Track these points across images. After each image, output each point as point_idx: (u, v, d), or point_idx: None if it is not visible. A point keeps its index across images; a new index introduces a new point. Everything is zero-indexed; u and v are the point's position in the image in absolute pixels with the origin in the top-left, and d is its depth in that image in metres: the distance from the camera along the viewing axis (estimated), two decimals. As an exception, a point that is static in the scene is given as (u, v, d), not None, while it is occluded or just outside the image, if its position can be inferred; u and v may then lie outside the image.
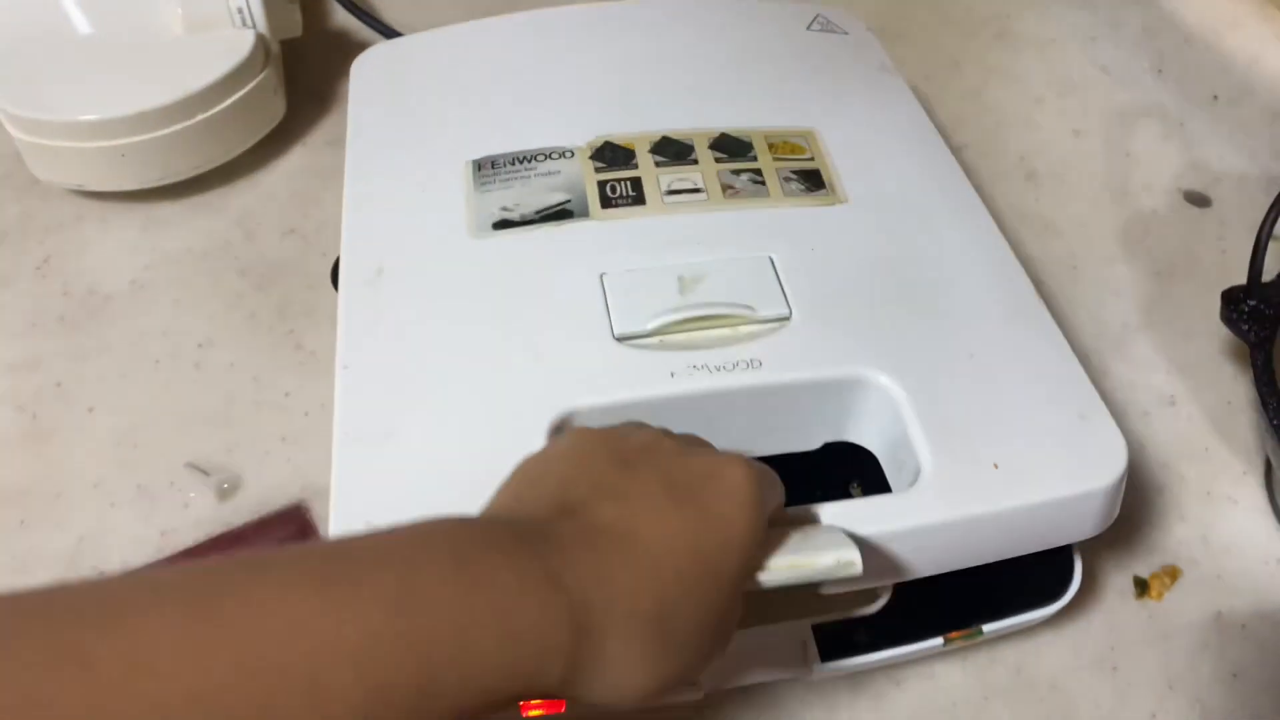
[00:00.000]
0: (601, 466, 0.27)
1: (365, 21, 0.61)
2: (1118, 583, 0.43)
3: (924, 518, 0.32)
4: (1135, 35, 0.63)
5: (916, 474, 0.34)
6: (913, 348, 0.36)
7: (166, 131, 0.51)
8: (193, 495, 0.45)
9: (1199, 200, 0.56)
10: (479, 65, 0.47)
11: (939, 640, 0.36)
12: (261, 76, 0.53)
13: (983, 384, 0.36)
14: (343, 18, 0.63)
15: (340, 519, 0.33)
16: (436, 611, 0.20)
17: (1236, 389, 0.49)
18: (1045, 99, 0.61)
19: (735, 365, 0.35)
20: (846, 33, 0.49)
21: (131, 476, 0.46)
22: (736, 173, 0.41)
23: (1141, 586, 0.43)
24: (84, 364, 0.49)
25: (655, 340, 0.36)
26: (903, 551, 0.33)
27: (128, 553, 0.44)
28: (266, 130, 0.55)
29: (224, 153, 0.54)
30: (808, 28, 0.48)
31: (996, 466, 0.34)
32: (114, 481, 0.45)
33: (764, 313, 0.37)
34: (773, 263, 0.38)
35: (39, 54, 0.52)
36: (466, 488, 0.28)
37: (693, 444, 0.30)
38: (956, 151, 0.58)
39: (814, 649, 0.36)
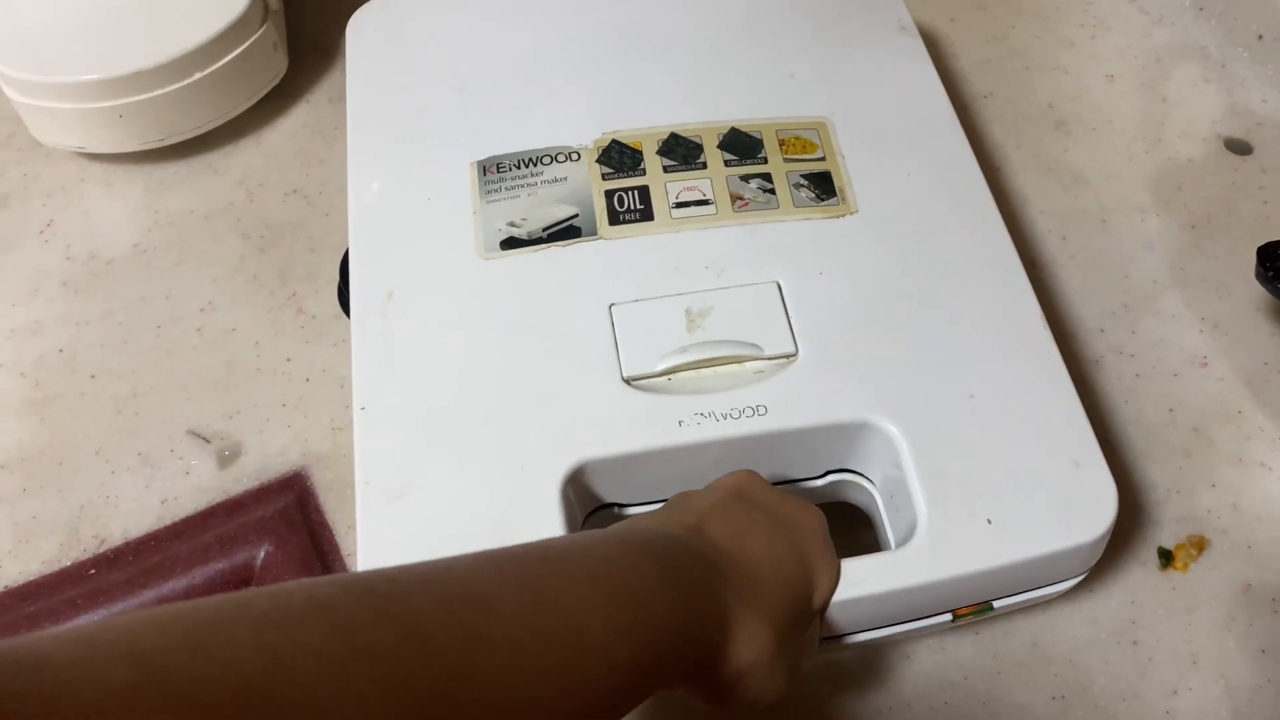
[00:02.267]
0: (717, 499, 0.31)
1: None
2: (1141, 553, 0.41)
3: (918, 577, 0.33)
4: (1176, -28, 0.59)
5: (912, 527, 0.34)
6: (915, 390, 0.36)
7: (165, 90, 0.50)
8: (194, 462, 0.45)
9: (1240, 148, 0.53)
10: (479, 32, 0.45)
11: (947, 616, 0.35)
12: (260, 32, 0.52)
13: (982, 428, 0.36)
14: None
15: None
16: (658, 601, 0.26)
17: (1274, 349, 0.46)
18: (1077, 41, 0.58)
19: (741, 413, 0.35)
20: (863, -19, 0.47)
21: (133, 444, 0.45)
22: (746, 179, 0.40)
23: (1166, 558, 0.41)
24: (86, 330, 0.49)
25: (663, 380, 0.36)
26: (896, 602, 0.34)
27: (129, 522, 0.43)
28: (268, 87, 0.54)
29: (225, 111, 0.53)
30: (824, -25, 0.46)
31: (990, 522, 0.34)
32: (115, 449, 0.45)
33: (770, 351, 0.36)
34: (780, 290, 0.38)
35: (35, 14, 0.51)
36: (486, 543, 0.30)
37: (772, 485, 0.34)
38: (981, 100, 0.55)
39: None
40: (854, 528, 0.41)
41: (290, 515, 0.43)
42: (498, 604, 0.23)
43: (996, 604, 0.35)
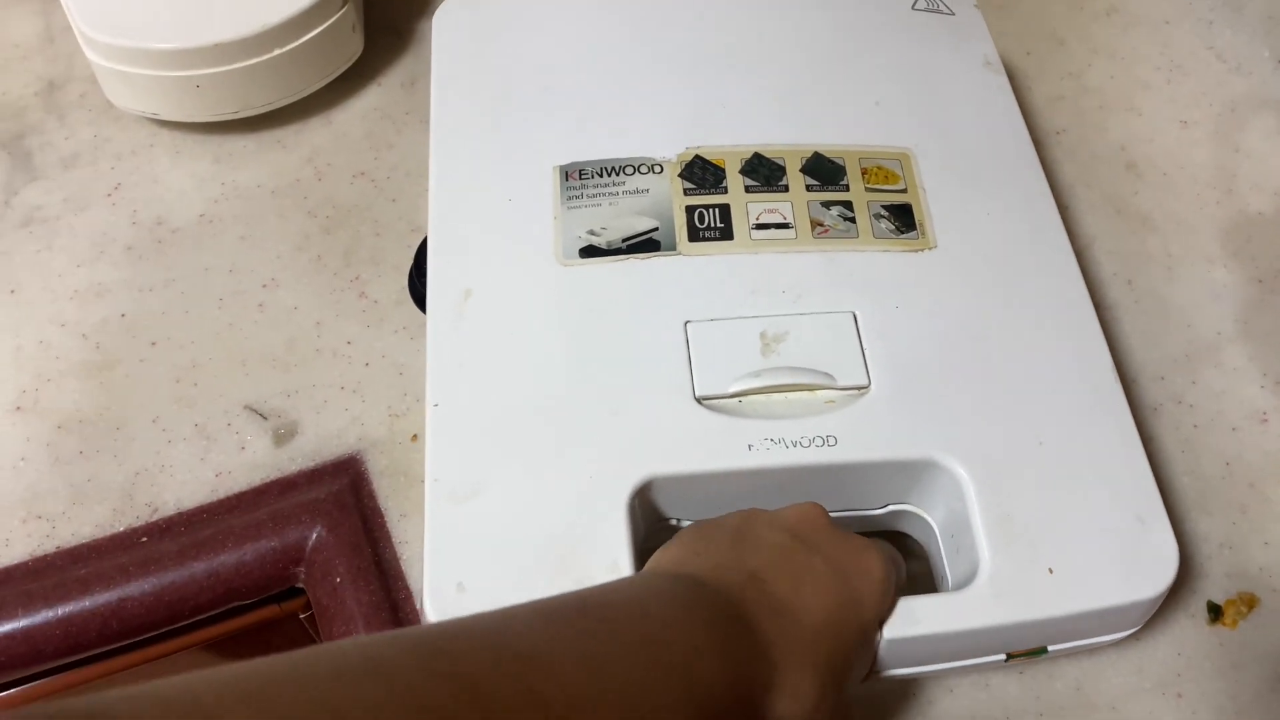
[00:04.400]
0: (779, 541, 0.31)
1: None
2: (1190, 606, 0.41)
3: (978, 620, 0.33)
4: (1256, 21, 0.59)
5: (974, 569, 0.34)
6: (985, 432, 0.36)
7: (243, 64, 0.50)
8: (249, 438, 0.45)
9: (1311, 204, 0.52)
10: (565, 34, 0.45)
11: (1001, 656, 0.35)
12: (341, 12, 0.52)
13: (1049, 477, 0.36)
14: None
15: (432, 576, 0.34)
16: (710, 666, 0.27)
17: (1334, 410, 0.46)
18: (1153, 84, 0.57)
19: (811, 441, 0.35)
20: (953, 13, 0.47)
21: (190, 415, 0.46)
22: (827, 205, 0.40)
23: (1215, 612, 0.41)
24: (149, 296, 0.49)
25: (735, 402, 0.36)
26: (954, 642, 0.34)
27: (182, 492, 0.44)
28: (343, 68, 0.54)
29: (299, 89, 0.53)
30: (913, 5, 0.46)
31: (1051, 571, 0.34)
32: (172, 418, 0.45)
33: (843, 381, 0.36)
34: (855, 320, 0.38)
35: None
36: (550, 556, 0.32)
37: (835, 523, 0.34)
38: (1054, 136, 0.55)
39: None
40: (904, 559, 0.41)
41: (343, 499, 0.43)
42: (555, 665, 0.23)
43: (1051, 647, 0.35)
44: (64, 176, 0.52)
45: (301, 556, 0.42)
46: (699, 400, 0.36)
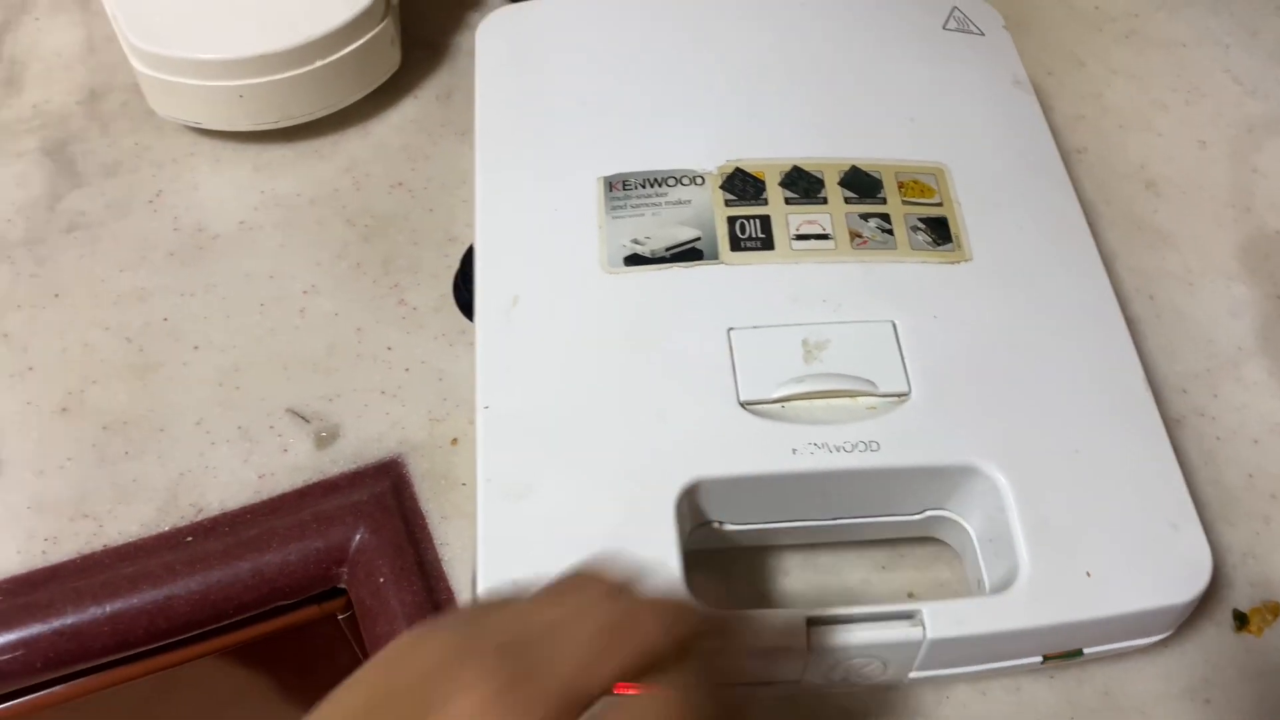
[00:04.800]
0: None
1: (482, -24, 0.60)
2: (1215, 613, 0.42)
3: (1020, 622, 0.34)
4: (1273, 45, 0.60)
5: (1013, 573, 0.35)
6: (1023, 439, 0.37)
7: (285, 75, 0.51)
8: (291, 441, 0.46)
9: (1326, 224, 0.54)
10: (608, 48, 0.47)
11: (1037, 658, 0.36)
12: (380, 26, 0.53)
13: (1085, 483, 0.37)
14: (458, -30, 0.62)
15: (486, 571, 0.35)
16: None
17: (1353, 424, 0.47)
18: (1170, 105, 0.59)
19: (854, 446, 0.36)
20: (982, 33, 0.48)
21: (233, 417, 0.46)
22: (865, 217, 0.41)
23: (1241, 620, 0.42)
24: (191, 301, 0.50)
25: (778, 407, 0.37)
26: (996, 644, 0.35)
27: (226, 493, 0.44)
28: (381, 80, 0.55)
29: (338, 100, 0.54)
30: (944, 25, 0.47)
31: (1089, 575, 0.35)
32: (215, 420, 0.46)
33: (884, 388, 0.37)
34: (895, 329, 0.39)
35: (166, -11, 0.52)
36: (600, 551, 0.31)
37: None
38: (1075, 154, 0.56)
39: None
40: (932, 564, 0.42)
41: (385, 501, 0.44)
42: None
43: (1087, 650, 0.36)
44: (106, 183, 0.53)
45: (345, 557, 0.43)
46: (743, 405, 0.37)
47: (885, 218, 0.41)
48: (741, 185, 0.42)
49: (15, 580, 0.42)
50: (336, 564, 0.43)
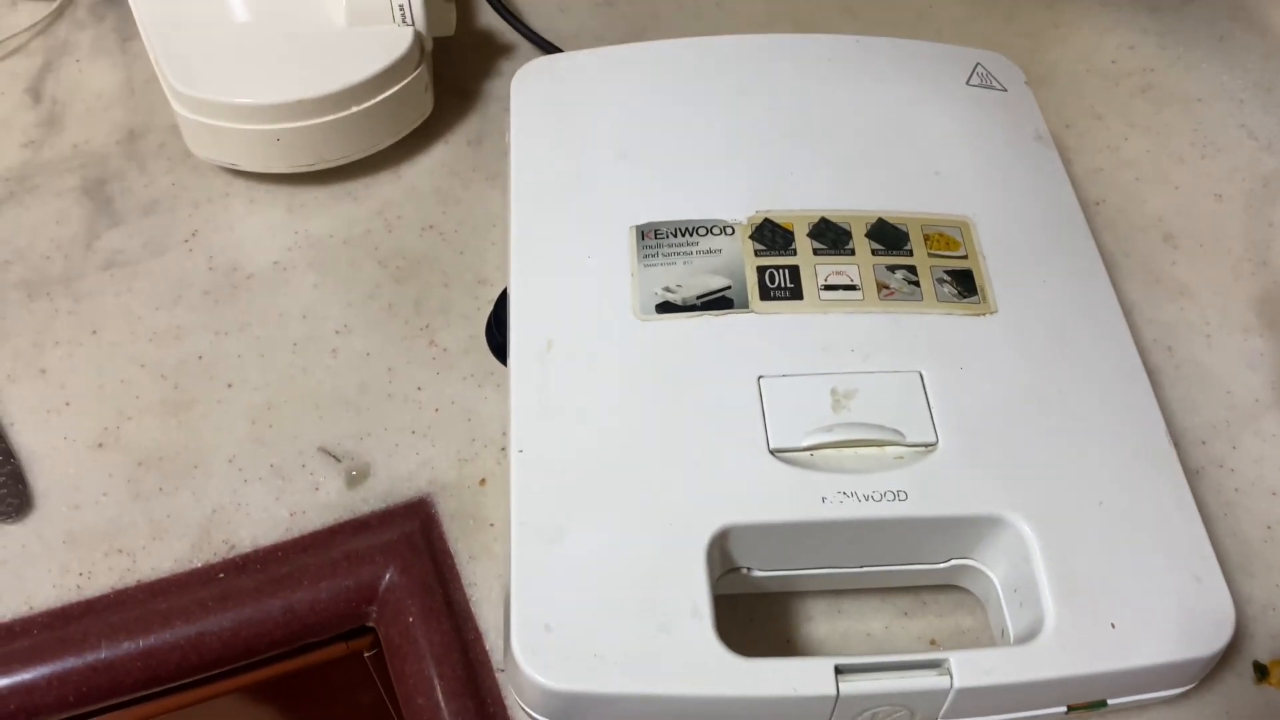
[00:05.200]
0: None
1: (514, 26, 0.62)
2: (1236, 664, 0.42)
3: (1045, 672, 0.35)
4: (1285, 101, 0.62)
5: (1038, 623, 0.36)
6: (1049, 491, 0.38)
7: (321, 120, 0.53)
8: (322, 479, 0.46)
9: (1342, 278, 0.55)
10: (640, 100, 0.48)
11: (1062, 708, 0.36)
12: (415, 74, 0.54)
13: (1109, 534, 0.37)
14: (490, 18, 0.64)
15: (519, 613, 0.35)
16: None
17: (1371, 478, 0.48)
18: (1187, 159, 0.60)
19: (883, 495, 0.37)
20: (1005, 89, 0.49)
21: (265, 455, 0.47)
22: (892, 269, 0.42)
23: (1261, 672, 0.42)
24: (225, 339, 0.51)
25: (807, 455, 0.38)
26: (1021, 694, 0.35)
27: (258, 530, 0.45)
28: (414, 125, 0.57)
29: (372, 144, 0.55)
30: (967, 81, 0.48)
31: (1114, 626, 0.35)
32: (248, 458, 0.47)
33: (912, 438, 0.38)
34: (922, 380, 0.40)
35: (208, 36, 0.53)
36: (634, 600, 0.34)
37: None
38: (1093, 207, 0.57)
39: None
40: (954, 611, 0.42)
41: (414, 541, 0.45)
42: None
43: (1111, 700, 0.37)
44: (143, 222, 0.55)
45: (374, 596, 0.44)
46: (773, 452, 0.37)
47: (912, 269, 0.42)
48: (771, 236, 0.43)
49: (50, 614, 0.43)
50: (366, 602, 0.44)
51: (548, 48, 0.61)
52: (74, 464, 0.47)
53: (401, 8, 0.54)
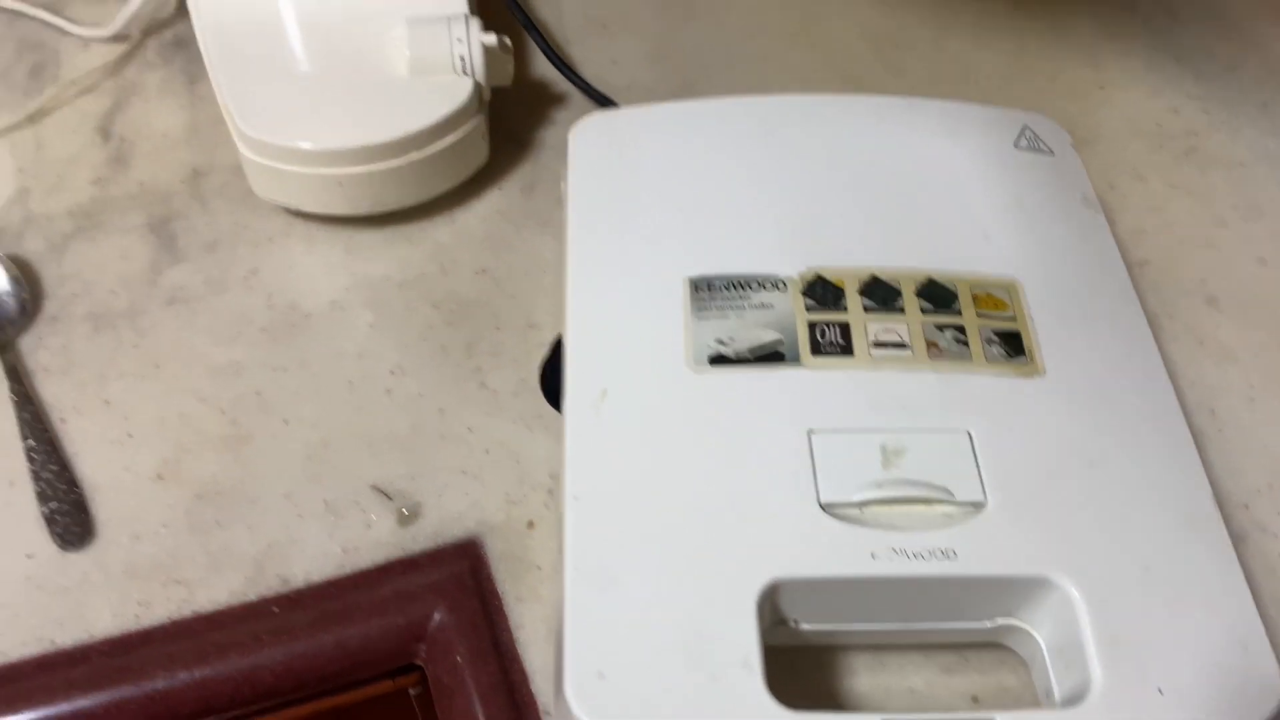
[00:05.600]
0: None
1: (568, 77, 0.64)
2: (1280, 735, 0.42)
3: None
4: (1329, 167, 0.62)
5: (1084, 686, 0.36)
6: (1096, 553, 0.38)
7: (382, 166, 0.54)
8: (374, 517, 0.47)
9: (1386, 345, 0.55)
10: (695, 154, 0.49)
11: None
12: (474, 123, 0.56)
13: (1156, 598, 0.38)
14: (543, 68, 0.65)
15: (572, 658, 0.36)
16: None
17: None
18: (1230, 222, 0.60)
19: (931, 554, 0.37)
20: (1052, 152, 0.50)
21: (319, 491, 0.48)
22: (941, 328, 0.43)
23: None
24: (283, 376, 0.52)
25: (857, 511, 0.38)
26: None
27: (311, 566, 0.46)
28: (471, 172, 0.58)
29: (429, 190, 0.57)
30: (1015, 144, 0.49)
31: (1161, 692, 0.36)
32: (303, 494, 0.48)
33: (961, 497, 0.39)
34: (971, 439, 0.40)
35: (275, 82, 0.55)
36: (685, 651, 0.34)
37: None
38: (1137, 268, 0.58)
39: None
40: (996, 669, 0.43)
41: (463, 581, 0.45)
42: None
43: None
44: (205, 259, 0.56)
45: (423, 634, 0.45)
46: (823, 507, 0.38)
47: (960, 329, 0.43)
48: (821, 292, 0.43)
49: (109, 642, 0.44)
50: (415, 640, 0.44)
51: (600, 99, 0.62)
52: (134, 495, 0.48)
53: (462, 59, 0.55)
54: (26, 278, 0.54)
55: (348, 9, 0.57)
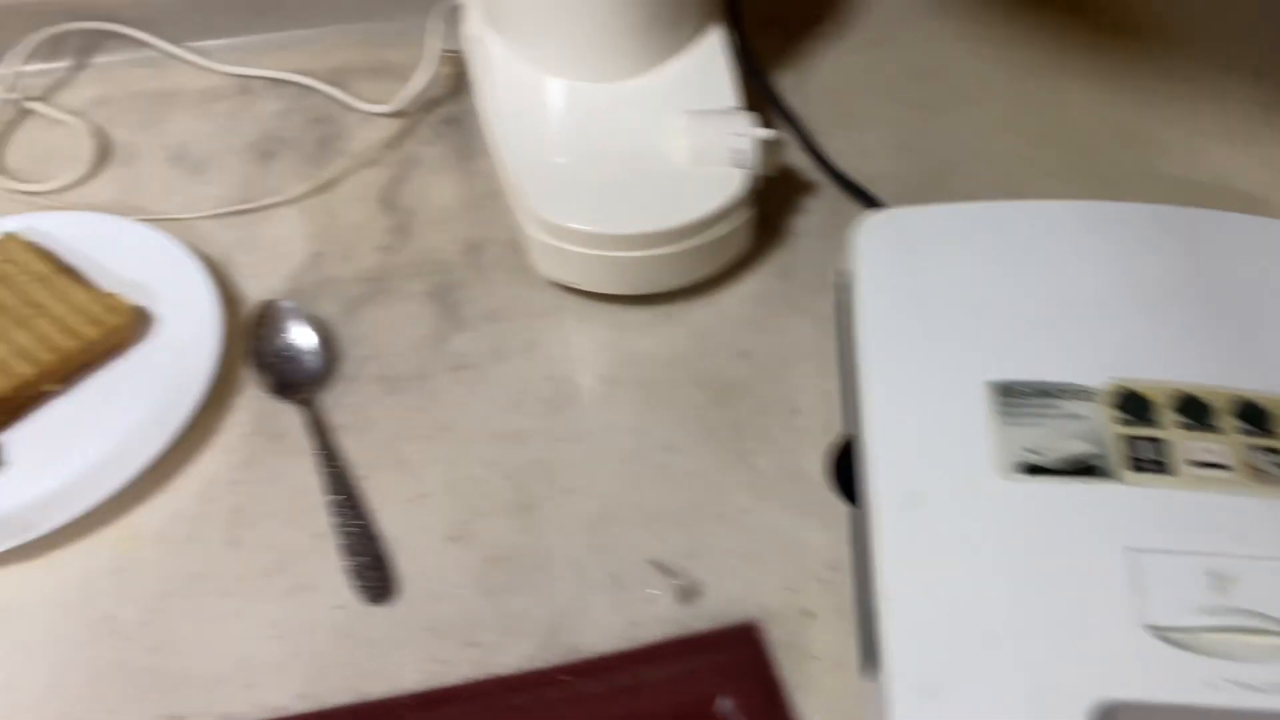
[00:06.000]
0: None
1: (825, 167, 0.65)
2: None
3: None
4: None
5: None
6: None
7: (660, 252, 0.57)
8: (656, 592, 0.49)
9: None
10: (990, 256, 0.50)
11: None
12: (745, 213, 0.58)
13: None
14: (794, 156, 0.67)
15: None
16: None
17: None
18: None
19: (1274, 688, 0.36)
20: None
21: (604, 563, 0.50)
22: (1261, 450, 0.42)
23: None
24: (563, 446, 0.54)
25: (1187, 636, 0.38)
26: None
27: (598, 636, 0.48)
28: (734, 258, 0.60)
29: (697, 273, 0.59)
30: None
31: None
32: (588, 564, 0.50)
33: None
34: None
35: (563, 167, 0.58)
36: None
37: None
38: None
39: None
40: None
41: (745, 665, 0.47)
42: None
43: None
44: (487, 329, 0.59)
45: (708, 715, 0.46)
46: (1152, 629, 0.38)
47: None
48: (1133, 406, 0.44)
49: (415, 697, 0.46)
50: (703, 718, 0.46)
51: (857, 191, 0.64)
52: (431, 554, 0.51)
53: (740, 152, 0.58)
54: (323, 338, 0.58)
55: (627, 100, 0.60)
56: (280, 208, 0.65)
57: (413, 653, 0.48)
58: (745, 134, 0.58)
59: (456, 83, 0.71)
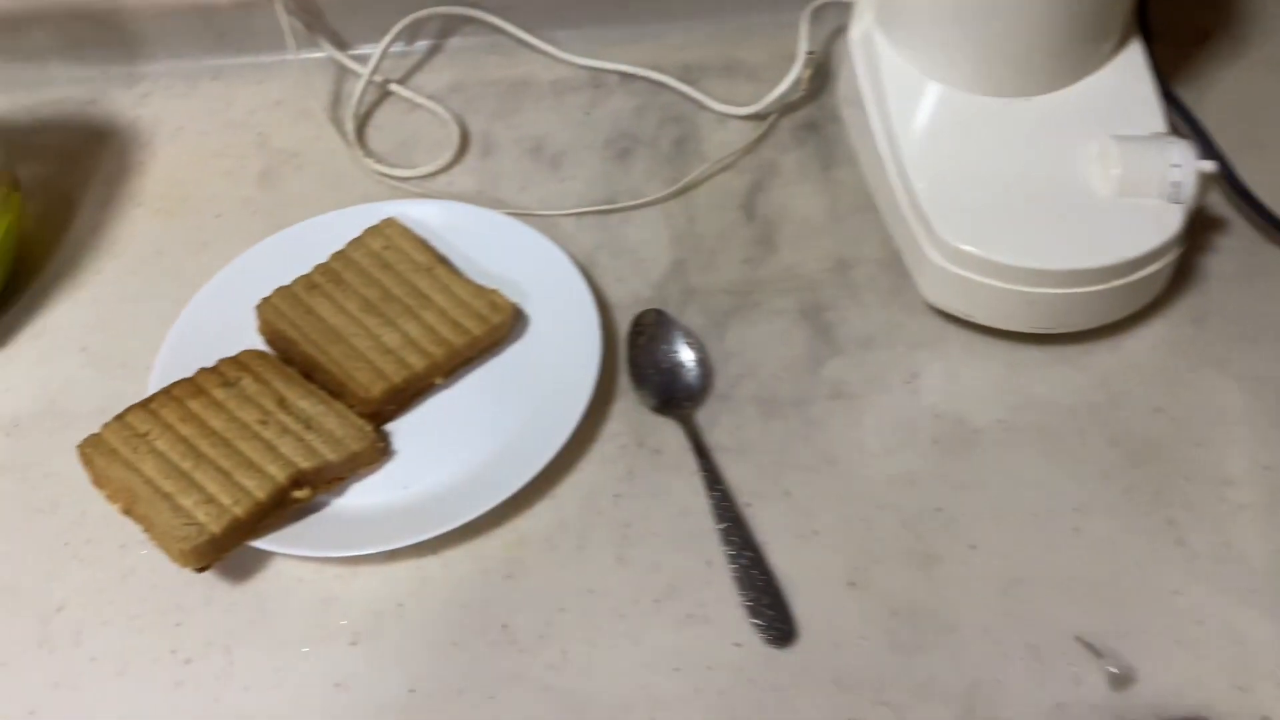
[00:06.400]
0: None
1: (1239, 199, 0.59)
2: None
3: None
4: None
5: None
6: None
7: (1078, 290, 0.52)
8: (1082, 672, 0.45)
9: None
10: None
11: None
12: (1176, 254, 0.53)
13: None
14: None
15: None
16: None
17: None
18: None
19: None
20: None
21: (1019, 631, 0.46)
22: None
23: None
24: (961, 495, 0.50)
25: None
26: None
27: (1020, 712, 0.44)
28: (1149, 300, 0.55)
29: (1109, 315, 0.54)
30: None
31: None
32: (1002, 631, 0.46)
33: None
34: None
35: (974, 192, 0.54)
36: None
37: None
38: None
39: None
40: None
41: (1195, 769, 0.42)
42: None
43: None
44: (863, 355, 0.56)
45: (1158, 822, 0.41)
46: None
47: None
48: None
49: (827, 755, 0.43)
50: (1151, 828, 0.41)
51: (1275, 225, 0.57)
52: (829, 598, 0.48)
53: (1176, 185, 0.52)
54: (702, 353, 0.56)
55: (1041, 119, 0.55)
56: (641, 210, 0.63)
57: (819, 704, 0.45)
58: (1184, 165, 0.52)
59: (816, 85, 0.67)
